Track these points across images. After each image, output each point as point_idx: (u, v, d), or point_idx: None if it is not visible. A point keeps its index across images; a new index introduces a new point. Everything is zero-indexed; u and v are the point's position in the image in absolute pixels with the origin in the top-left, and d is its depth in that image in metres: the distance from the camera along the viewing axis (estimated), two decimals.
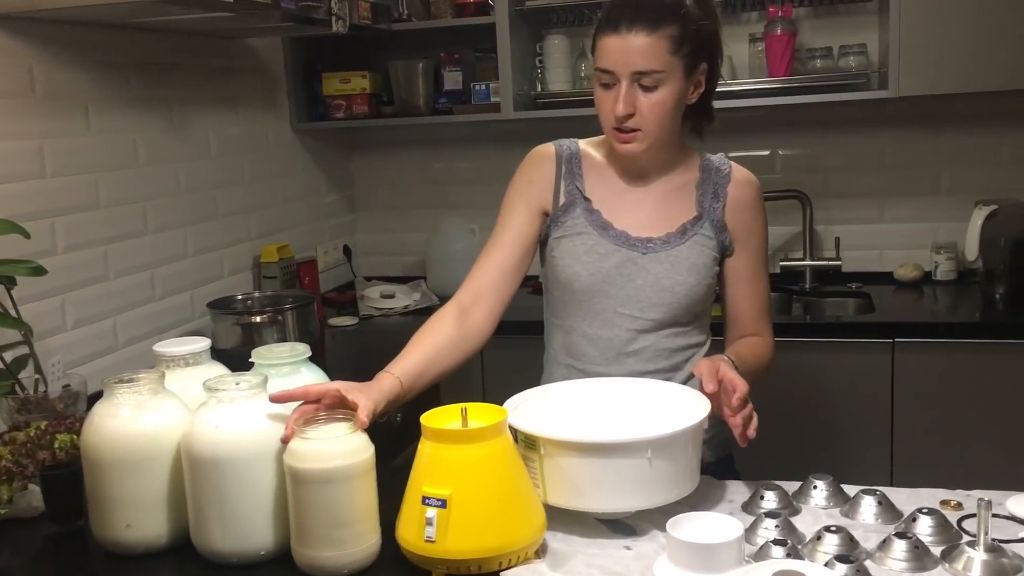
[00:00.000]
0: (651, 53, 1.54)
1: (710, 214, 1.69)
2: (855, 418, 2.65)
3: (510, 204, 1.74)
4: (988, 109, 3.01)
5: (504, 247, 1.72)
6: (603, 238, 1.68)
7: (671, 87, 1.58)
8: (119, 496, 1.36)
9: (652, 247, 1.66)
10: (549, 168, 1.74)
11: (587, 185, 1.72)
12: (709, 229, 1.68)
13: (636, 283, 1.66)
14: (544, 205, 1.73)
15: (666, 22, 1.55)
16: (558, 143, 1.77)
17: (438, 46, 3.27)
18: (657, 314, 1.67)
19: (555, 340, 1.77)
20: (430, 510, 1.24)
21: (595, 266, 1.67)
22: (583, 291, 1.68)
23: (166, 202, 2.52)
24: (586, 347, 1.71)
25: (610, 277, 1.66)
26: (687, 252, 1.66)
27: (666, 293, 1.65)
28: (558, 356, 1.76)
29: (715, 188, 1.70)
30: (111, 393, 1.38)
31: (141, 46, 2.42)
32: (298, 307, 2.46)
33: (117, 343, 2.33)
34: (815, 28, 3.03)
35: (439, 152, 3.52)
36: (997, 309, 2.81)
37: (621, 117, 1.58)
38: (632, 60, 1.55)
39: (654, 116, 1.59)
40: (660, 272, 1.66)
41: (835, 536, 1.27)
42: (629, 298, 1.67)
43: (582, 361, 1.72)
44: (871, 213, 3.18)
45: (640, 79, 1.56)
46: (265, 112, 3.03)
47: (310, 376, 1.52)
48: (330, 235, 3.44)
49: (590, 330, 1.70)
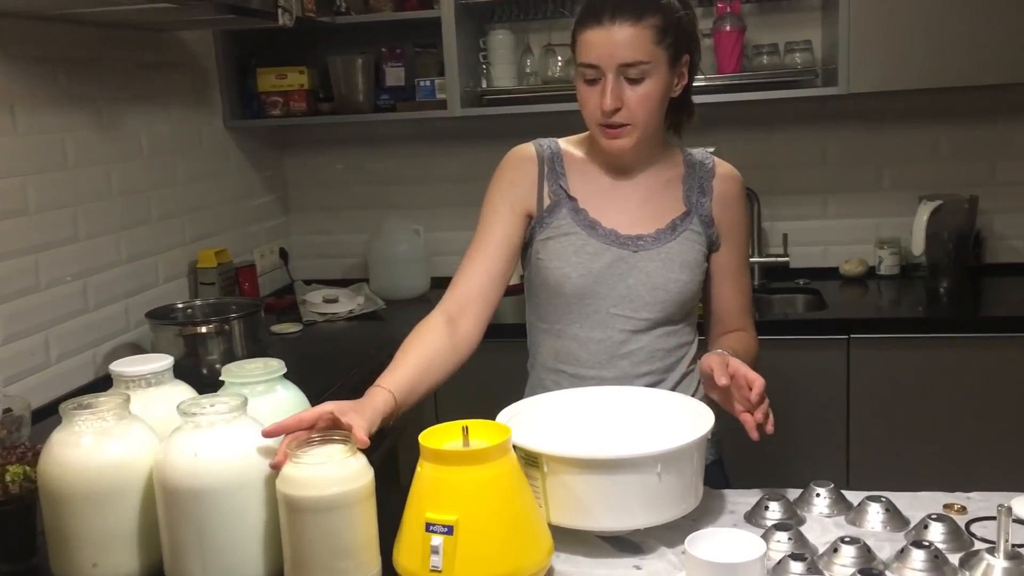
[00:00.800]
0: (636, 44, 1.51)
1: (698, 209, 1.66)
2: (811, 415, 2.66)
3: (492, 207, 1.67)
4: (927, 106, 3.05)
5: (488, 252, 1.65)
6: (592, 237, 1.63)
7: (657, 79, 1.54)
8: (84, 533, 1.24)
9: (643, 244, 1.63)
10: (531, 169, 1.68)
11: (571, 184, 1.66)
12: (698, 224, 1.66)
13: (628, 282, 1.62)
14: (528, 207, 1.66)
15: (649, 12, 1.52)
16: (537, 143, 1.71)
17: (375, 41, 3.16)
18: (651, 313, 1.63)
19: (543, 346, 1.71)
20: (435, 537, 1.16)
21: (585, 266, 1.62)
22: (574, 293, 1.63)
23: (98, 206, 2.36)
24: (578, 351, 1.66)
25: (601, 277, 1.62)
26: (678, 248, 1.63)
27: (659, 291, 1.62)
28: (547, 362, 1.70)
29: (701, 183, 1.68)
30: (70, 420, 1.25)
31: (68, 39, 2.25)
32: (245, 315, 2.33)
33: (50, 359, 2.17)
34: (760, 24, 3.03)
35: (378, 150, 3.40)
36: (943, 303, 2.85)
37: (609, 111, 1.54)
38: (618, 52, 1.51)
39: (642, 109, 1.55)
40: (653, 270, 1.62)
41: (851, 547, 1.24)
42: (622, 298, 1.62)
43: (574, 365, 1.66)
44: (815, 210, 3.19)
45: (626, 71, 1.53)
46: (197, 109, 2.88)
47: (285, 394, 1.42)
48: (265, 238, 3.30)
49: (581, 332, 1.65)
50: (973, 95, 3.00)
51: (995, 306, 2.90)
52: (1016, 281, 3.01)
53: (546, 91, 3.01)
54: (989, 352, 2.57)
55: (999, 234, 3.11)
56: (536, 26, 3.17)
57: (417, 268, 3.20)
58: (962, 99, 3.02)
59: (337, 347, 2.68)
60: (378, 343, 2.63)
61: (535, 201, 1.66)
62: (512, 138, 1.79)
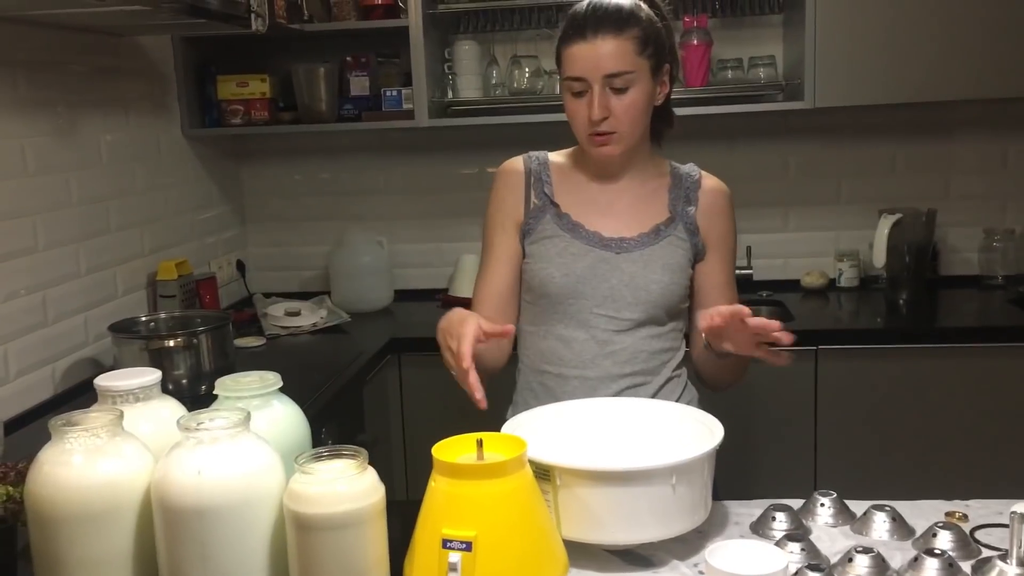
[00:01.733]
0: (620, 54, 1.58)
1: (683, 217, 1.71)
2: (778, 425, 2.68)
3: (490, 226, 1.76)
4: (885, 121, 3.11)
5: (496, 272, 1.74)
6: (575, 239, 1.69)
7: (641, 87, 1.61)
8: (76, 556, 1.17)
9: (626, 247, 1.68)
10: (518, 180, 1.75)
11: (556, 191, 1.73)
12: (683, 231, 1.70)
13: (611, 282, 1.66)
14: (517, 218, 1.74)
15: (629, 25, 1.60)
16: (527, 155, 1.79)
17: (337, 50, 3.11)
18: (633, 313, 1.66)
19: (530, 347, 1.75)
20: (453, 554, 1.12)
21: (568, 267, 1.67)
22: (558, 293, 1.68)
23: (57, 215, 2.27)
24: (562, 350, 1.69)
25: (584, 278, 1.66)
26: (661, 252, 1.68)
27: (641, 292, 1.66)
28: (533, 363, 1.74)
29: (687, 193, 1.73)
30: (60, 437, 1.19)
31: (27, 42, 2.17)
32: (212, 329, 2.26)
33: (8, 374, 2.07)
34: (724, 39, 3.06)
35: (340, 161, 3.35)
36: (905, 314, 2.90)
37: (597, 120, 1.61)
38: (602, 64, 1.59)
39: (628, 117, 1.62)
40: (635, 271, 1.66)
41: (865, 557, 1.23)
42: (604, 298, 1.66)
43: (557, 365, 1.70)
44: (776, 222, 3.23)
45: (612, 82, 1.59)
46: (155, 117, 2.80)
47: (282, 408, 1.37)
48: (222, 249, 3.22)
49: (566, 332, 1.69)
50: (929, 111, 3.07)
51: (955, 317, 2.97)
52: (970, 293, 3.08)
53: (513, 103, 3.00)
54: (951, 362, 2.62)
55: (953, 247, 3.18)
56: (501, 37, 3.15)
57: (380, 280, 3.15)
58: (918, 115, 3.09)
59: (304, 361, 2.62)
60: (346, 357, 2.58)
61: (523, 210, 1.73)
62: (478, 149, 1.82)
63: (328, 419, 2.18)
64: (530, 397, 1.73)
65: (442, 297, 3.22)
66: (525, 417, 1.46)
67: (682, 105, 2.90)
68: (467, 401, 1.67)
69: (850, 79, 2.76)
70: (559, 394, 1.68)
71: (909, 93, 2.77)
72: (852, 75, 2.75)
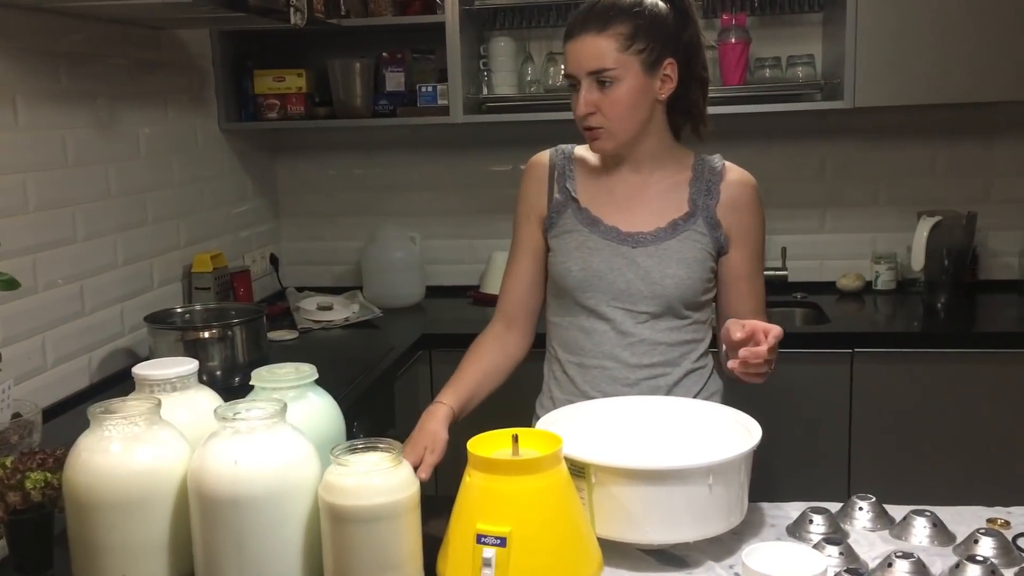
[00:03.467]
0: (599, 53, 1.61)
1: (703, 211, 1.71)
2: (813, 427, 2.64)
3: (517, 220, 1.81)
4: (924, 122, 3.07)
5: (521, 265, 1.79)
6: (593, 233, 1.71)
7: (628, 83, 1.62)
8: (113, 543, 1.18)
9: (642, 241, 1.70)
10: (542, 175, 1.79)
11: (578, 185, 1.76)
12: (702, 226, 1.70)
13: (627, 277, 1.68)
14: (541, 212, 1.78)
15: (616, 21, 1.61)
16: (555, 149, 1.82)
17: (372, 46, 3.12)
18: (648, 307, 1.69)
19: (555, 338, 1.80)
20: (487, 550, 1.12)
21: (585, 261, 1.70)
22: (576, 286, 1.71)
23: (96, 206, 2.29)
24: (582, 340, 1.73)
25: (600, 272, 1.69)
26: (677, 247, 1.68)
27: (656, 286, 1.67)
28: (557, 353, 1.79)
29: (708, 186, 1.72)
30: (99, 424, 1.20)
31: (70, 34, 2.19)
32: (247, 321, 2.27)
33: (46, 363, 2.09)
34: (762, 37, 3.03)
35: (373, 156, 3.35)
36: (943, 319, 2.86)
37: (581, 116, 1.65)
38: (584, 62, 1.62)
39: (614, 113, 1.63)
40: (650, 265, 1.68)
41: (905, 562, 1.21)
42: (620, 292, 1.69)
43: (578, 355, 1.74)
44: (813, 223, 3.20)
45: (596, 78, 1.62)
46: (193, 110, 2.81)
47: (317, 400, 1.38)
48: (256, 243, 3.23)
49: (586, 323, 1.72)
50: (970, 112, 3.02)
51: (994, 322, 2.92)
52: (1010, 298, 3.03)
53: (548, 99, 2.99)
54: (990, 367, 2.58)
55: (993, 251, 3.13)
56: (537, 34, 3.15)
57: (412, 276, 3.15)
58: (959, 116, 3.04)
59: (337, 355, 2.62)
60: (378, 352, 2.58)
61: (546, 204, 1.77)
62: (511, 146, 1.83)
63: (359, 413, 2.18)
64: (554, 386, 1.78)
65: (473, 294, 3.22)
66: (560, 414, 1.45)
67: (719, 104, 2.88)
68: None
69: (891, 79, 2.72)
70: (580, 383, 1.72)
71: (951, 94, 2.73)
72: (893, 75, 2.72)
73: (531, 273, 1.78)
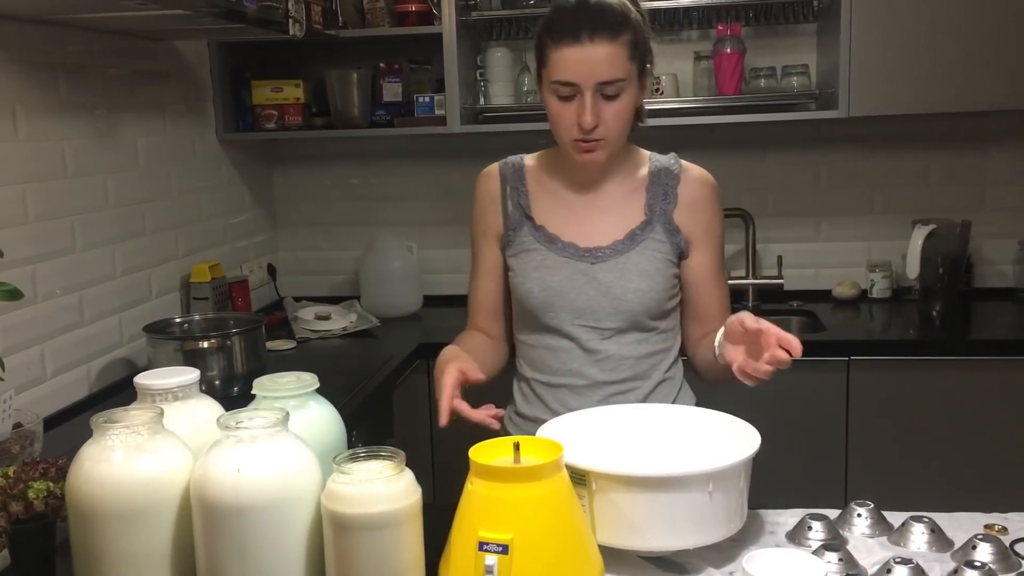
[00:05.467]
0: (615, 61, 1.54)
1: (660, 217, 1.67)
2: (809, 436, 2.65)
3: (475, 238, 1.79)
4: (918, 131, 3.09)
5: (484, 283, 1.78)
6: (551, 252, 1.67)
7: (630, 93, 1.58)
8: (116, 553, 1.18)
9: (601, 256, 1.66)
10: (494, 190, 1.74)
11: (532, 201, 1.71)
12: (661, 232, 1.66)
13: (588, 294, 1.65)
14: (496, 228, 1.74)
15: (622, 29, 1.55)
16: (503, 162, 1.76)
17: (371, 56, 3.13)
18: (613, 323, 1.65)
19: (522, 355, 1.77)
20: (490, 557, 1.12)
21: (544, 281, 1.66)
22: (537, 307, 1.67)
23: (95, 217, 2.30)
24: (549, 359, 1.70)
25: (561, 291, 1.65)
26: (636, 258, 1.65)
27: (618, 301, 1.64)
28: (524, 371, 1.76)
29: (665, 190, 1.68)
30: (102, 434, 1.20)
31: (68, 46, 2.20)
32: (246, 331, 2.28)
33: (46, 373, 2.10)
34: (757, 48, 3.05)
35: (370, 166, 3.37)
36: (939, 327, 2.87)
37: (588, 128, 1.56)
38: (597, 70, 1.53)
39: (617, 124, 1.58)
40: (610, 280, 1.64)
41: (904, 568, 1.22)
42: (583, 310, 1.65)
43: (546, 373, 1.71)
44: (808, 232, 3.21)
45: (604, 88, 1.54)
46: (191, 121, 2.82)
47: (319, 409, 1.38)
48: (254, 253, 3.24)
49: (552, 342, 1.69)
50: (963, 121, 3.04)
51: (988, 329, 2.94)
52: (1005, 306, 3.05)
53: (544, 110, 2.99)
54: (985, 375, 2.59)
55: (988, 259, 3.15)
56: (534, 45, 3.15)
57: (410, 286, 3.16)
58: (952, 125, 3.06)
59: (335, 365, 2.63)
60: (376, 361, 2.59)
61: (501, 221, 1.73)
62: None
63: (358, 422, 2.18)
64: (523, 403, 1.76)
65: None
66: (560, 422, 1.46)
67: (715, 113, 2.92)
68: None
69: (885, 88, 2.74)
70: (549, 401, 1.70)
71: (945, 103, 2.75)
72: (887, 84, 2.74)
73: (497, 292, 1.76)
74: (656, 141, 1.81)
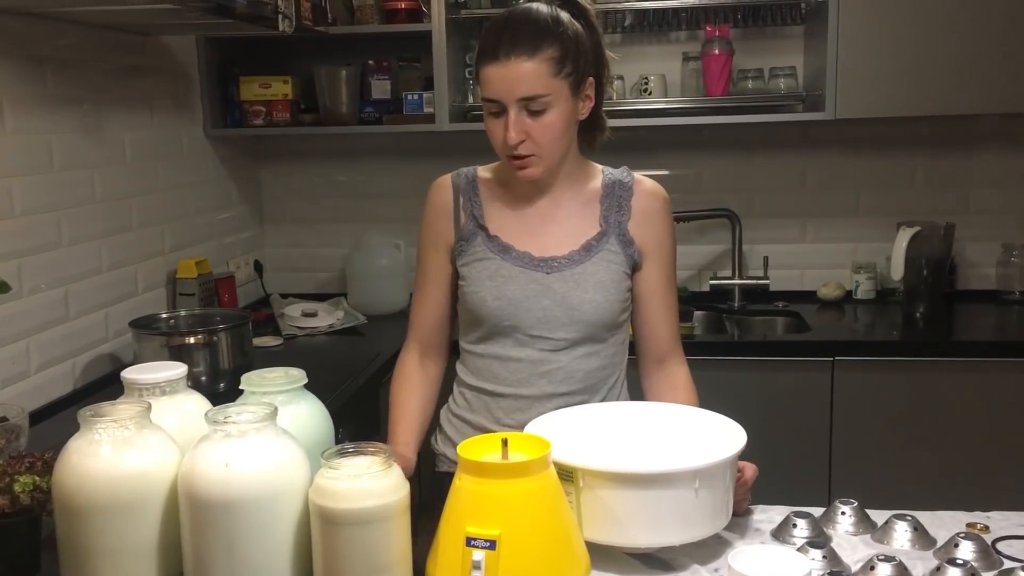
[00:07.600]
0: (534, 78, 1.52)
1: (615, 229, 1.67)
2: (794, 436, 2.67)
3: (422, 246, 1.76)
4: (904, 134, 3.11)
5: (431, 294, 1.75)
6: (506, 261, 1.66)
7: (559, 108, 1.55)
8: (103, 547, 1.18)
9: (556, 266, 1.64)
10: (447, 200, 1.72)
11: (485, 211, 1.69)
12: (615, 244, 1.66)
13: (543, 304, 1.64)
14: (448, 240, 1.72)
15: (545, 43, 1.53)
16: (456, 173, 1.75)
17: (360, 53, 3.13)
18: (568, 333, 1.64)
19: (466, 363, 1.74)
20: (477, 552, 1.13)
21: (499, 290, 1.64)
22: (491, 316, 1.65)
23: (81, 211, 2.29)
24: (497, 369, 1.68)
25: (516, 300, 1.64)
26: (592, 269, 1.64)
27: (574, 312, 1.63)
28: (467, 379, 1.74)
29: (619, 202, 1.68)
30: (89, 428, 1.20)
31: (56, 39, 2.19)
32: (232, 327, 2.27)
33: (30, 368, 2.09)
34: (745, 49, 3.06)
35: (358, 163, 3.36)
36: (922, 328, 2.90)
37: (513, 145, 1.55)
38: (516, 87, 1.52)
39: (546, 139, 1.56)
40: (566, 291, 1.63)
41: (887, 565, 1.23)
42: (538, 320, 1.64)
43: (492, 383, 1.69)
44: (794, 233, 3.23)
45: (528, 104, 1.53)
46: (178, 116, 2.82)
47: (307, 405, 1.39)
48: (240, 249, 3.23)
49: (502, 351, 1.67)
50: (949, 124, 3.07)
51: (971, 331, 2.96)
52: (988, 308, 3.07)
53: None
54: (968, 375, 2.61)
55: (971, 261, 3.17)
56: None
57: (397, 283, 3.16)
58: (938, 128, 3.09)
59: (322, 362, 2.62)
60: (363, 359, 2.59)
61: (453, 231, 1.70)
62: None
63: (345, 420, 2.18)
64: (465, 410, 1.74)
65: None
66: (548, 419, 1.46)
67: (703, 114, 2.93)
68: None
69: (871, 91, 2.76)
70: (493, 409, 1.69)
71: (930, 106, 2.78)
72: (873, 87, 2.76)
73: (442, 302, 1.74)
74: (644, 141, 1.82)
